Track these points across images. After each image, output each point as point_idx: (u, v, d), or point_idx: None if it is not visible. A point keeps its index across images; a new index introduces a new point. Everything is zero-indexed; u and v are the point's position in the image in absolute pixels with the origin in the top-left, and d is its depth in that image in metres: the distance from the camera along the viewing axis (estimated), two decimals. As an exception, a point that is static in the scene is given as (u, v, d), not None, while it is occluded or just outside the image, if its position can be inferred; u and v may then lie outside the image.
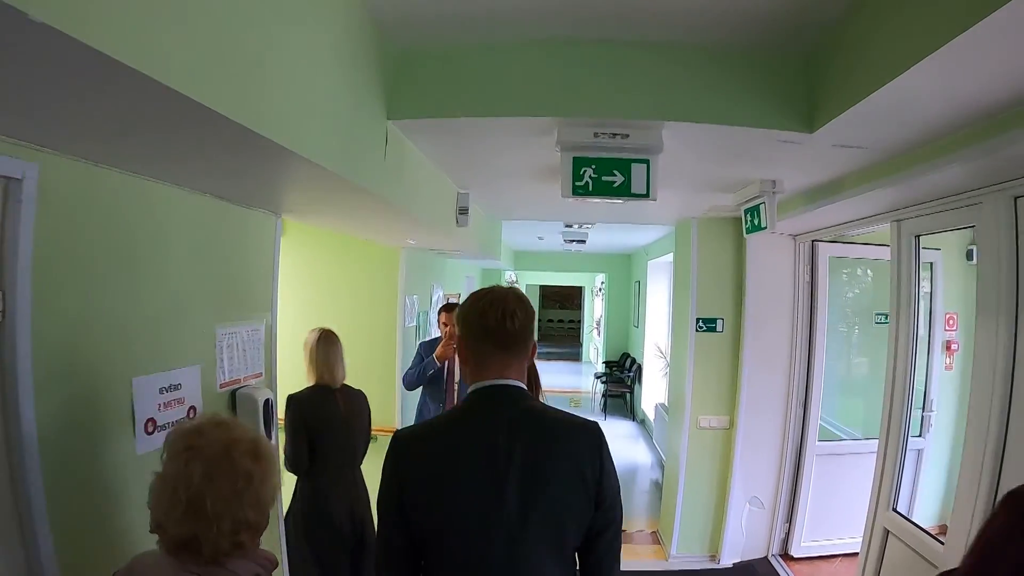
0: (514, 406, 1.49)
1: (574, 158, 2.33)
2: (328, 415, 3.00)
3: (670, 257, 8.79)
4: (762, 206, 3.40)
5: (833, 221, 4.11)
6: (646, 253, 10.06)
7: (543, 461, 1.44)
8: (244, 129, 1.39)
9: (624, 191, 2.32)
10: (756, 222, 3.49)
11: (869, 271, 5.29)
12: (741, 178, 3.33)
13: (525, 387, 1.56)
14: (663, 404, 7.83)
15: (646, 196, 2.34)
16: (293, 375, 3.11)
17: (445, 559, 1.43)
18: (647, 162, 2.34)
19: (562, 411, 1.57)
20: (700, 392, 4.79)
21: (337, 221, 3.34)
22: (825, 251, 4.84)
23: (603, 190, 2.32)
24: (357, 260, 4.98)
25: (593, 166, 2.32)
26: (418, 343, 4.47)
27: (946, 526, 3.41)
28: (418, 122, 2.38)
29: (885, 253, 5.10)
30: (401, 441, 1.48)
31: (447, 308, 4.19)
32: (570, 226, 6.58)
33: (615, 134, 2.29)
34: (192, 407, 2.46)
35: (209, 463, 1.27)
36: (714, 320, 4.76)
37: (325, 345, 3.07)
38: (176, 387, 2.37)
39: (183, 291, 2.30)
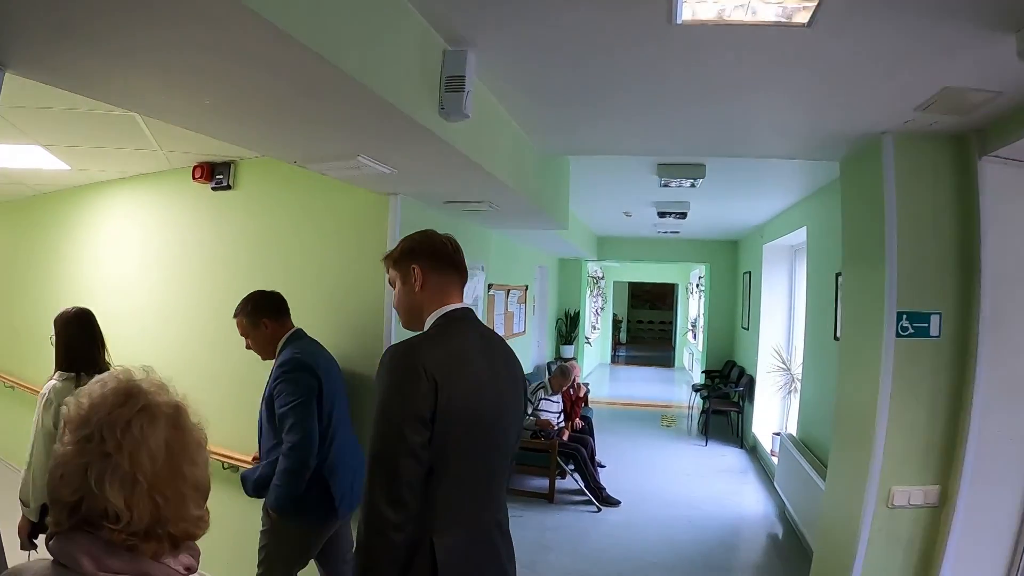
0: (478, 324, 1.84)
1: None
2: None
3: (793, 237, 6.64)
4: None
5: None
6: (760, 235, 7.91)
7: (509, 366, 1.82)
8: None
9: None
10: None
11: None
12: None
13: None
14: (790, 435, 5.71)
15: None
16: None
17: (465, 454, 1.60)
18: None
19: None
20: (897, 446, 2.71)
21: (151, 75, 1.55)
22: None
23: None
24: (319, 214, 3.28)
25: None
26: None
27: None
28: None
29: None
30: (410, 352, 1.57)
31: (256, 306, 2.68)
32: (667, 184, 4.65)
33: None
34: None
35: (171, 421, 1.04)
36: (926, 316, 2.67)
37: None
38: None
39: None
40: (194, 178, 3.60)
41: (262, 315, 2.68)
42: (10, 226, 5.67)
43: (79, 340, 2.69)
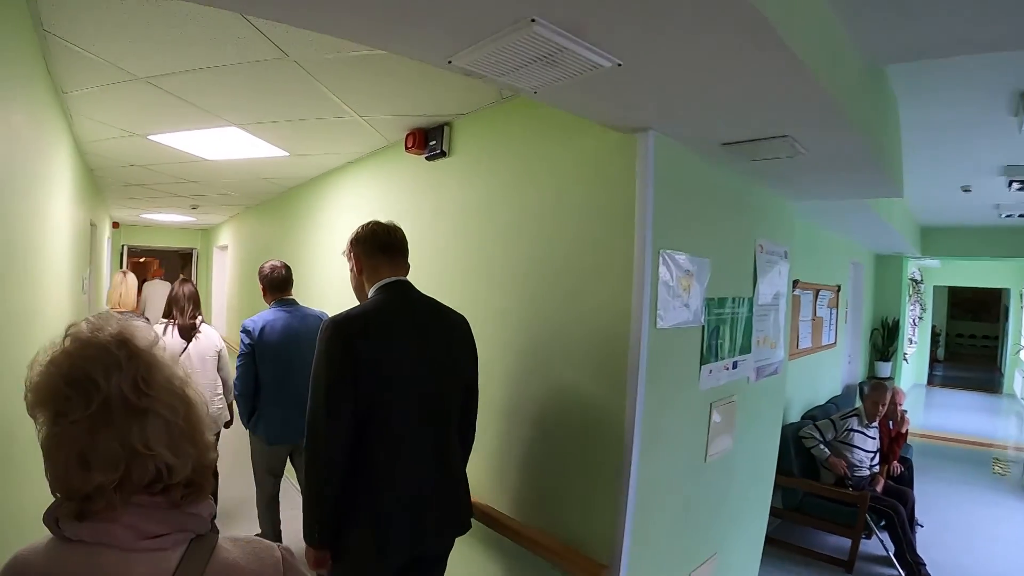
0: (413, 293, 2.11)
1: None
2: None
3: None
4: None
5: None
6: None
7: (447, 330, 2.11)
8: None
9: None
10: None
11: None
12: None
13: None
14: None
15: None
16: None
17: (392, 414, 1.90)
18: None
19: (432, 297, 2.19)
20: None
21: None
22: None
23: None
24: (546, 169, 2.57)
25: None
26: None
27: None
28: None
29: None
30: (345, 324, 1.89)
31: (262, 276, 3.69)
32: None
33: None
34: None
35: (147, 355, 0.95)
36: None
37: None
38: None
39: None
40: (407, 148, 3.26)
41: (263, 284, 3.63)
42: (267, 221, 6.20)
43: (179, 304, 3.88)
